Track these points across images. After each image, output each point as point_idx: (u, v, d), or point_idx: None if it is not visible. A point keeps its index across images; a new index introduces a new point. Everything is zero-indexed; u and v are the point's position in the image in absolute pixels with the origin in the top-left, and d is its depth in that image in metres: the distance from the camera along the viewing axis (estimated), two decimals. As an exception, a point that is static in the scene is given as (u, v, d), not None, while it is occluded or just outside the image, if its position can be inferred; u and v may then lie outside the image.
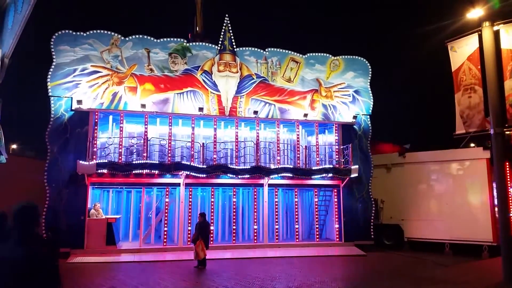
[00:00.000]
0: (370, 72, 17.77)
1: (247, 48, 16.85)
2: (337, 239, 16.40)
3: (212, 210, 15.48)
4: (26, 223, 2.99)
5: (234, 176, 15.28)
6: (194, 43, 16.68)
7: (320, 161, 16.81)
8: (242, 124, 16.56)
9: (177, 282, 10.41)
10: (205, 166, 14.92)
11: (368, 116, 17.58)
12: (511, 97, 10.37)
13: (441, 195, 16.24)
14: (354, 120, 17.20)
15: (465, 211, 15.28)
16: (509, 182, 14.66)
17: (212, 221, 15.22)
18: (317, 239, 16.44)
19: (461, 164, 15.89)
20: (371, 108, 17.61)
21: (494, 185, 13.34)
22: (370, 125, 17.54)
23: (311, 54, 17.54)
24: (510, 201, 14.22)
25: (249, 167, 15.45)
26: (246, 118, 16.36)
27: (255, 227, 15.82)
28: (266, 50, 17.05)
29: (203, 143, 15.54)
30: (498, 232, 11.41)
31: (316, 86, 17.39)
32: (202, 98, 16.06)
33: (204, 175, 14.86)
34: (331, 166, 16.38)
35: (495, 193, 13.25)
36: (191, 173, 14.68)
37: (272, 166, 15.78)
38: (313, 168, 16.28)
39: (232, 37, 16.61)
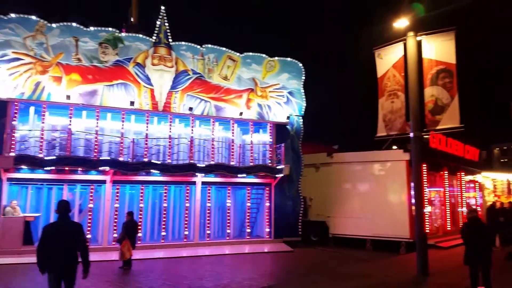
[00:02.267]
0: (304, 75, 18.25)
1: (183, 43, 16.49)
2: (267, 236, 16.67)
3: (141, 209, 14.96)
4: (68, 210, 6.17)
5: (166, 173, 14.91)
6: (127, 34, 16.01)
7: (253, 159, 16.95)
8: (176, 121, 16.19)
9: (99, 284, 9.89)
10: (134, 163, 14.36)
11: (301, 117, 18.06)
12: (430, 103, 11.21)
13: (364, 194, 17.15)
14: (287, 120, 17.58)
15: (385, 209, 16.25)
16: (425, 183, 15.93)
17: (140, 220, 14.71)
18: (248, 237, 16.57)
19: (383, 165, 16.88)
20: (303, 109, 18.11)
21: (412, 185, 14.33)
22: (302, 125, 18.04)
23: (248, 53, 17.61)
24: (425, 201, 15.45)
25: (182, 164, 15.16)
26: (181, 114, 16.02)
27: (186, 225, 15.55)
28: (203, 46, 16.82)
29: (133, 139, 14.95)
30: (414, 229, 12.26)
31: (252, 86, 17.51)
32: (134, 92, 15.44)
33: (133, 172, 14.31)
34: (264, 164, 16.60)
35: (413, 193, 14.25)
36: (118, 170, 14.06)
37: (206, 164, 15.62)
38: (247, 166, 16.38)
39: (168, 31, 16.17)
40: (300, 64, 18.24)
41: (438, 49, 10.98)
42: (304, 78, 18.26)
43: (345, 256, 14.80)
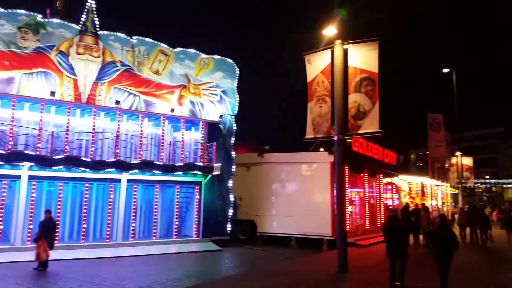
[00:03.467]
0: (238, 75, 18.33)
1: (112, 33, 15.74)
2: (196, 236, 16.50)
3: (59, 207, 14.03)
4: None
5: (88, 170, 14.14)
6: (50, 20, 14.93)
7: (184, 157, 16.68)
8: (102, 114, 15.41)
9: (10, 287, 9.13)
10: (53, 157, 13.44)
11: (233, 116, 18.13)
12: (353, 109, 11.81)
13: (292, 193, 17.70)
14: (220, 119, 17.55)
15: (310, 208, 16.90)
16: (347, 184, 16.79)
17: (59, 218, 13.80)
18: (175, 236, 16.27)
19: (309, 166, 17.55)
20: (236, 109, 18.19)
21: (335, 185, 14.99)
22: (234, 125, 18.11)
23: (181, 49, 17.30)
24: (347, 201, 16.28)
25: (106, 160, 14.48)
26: (107, 107, 15.29)
27: (109, 224, 14.86)
28: (134, 38, 16.20)
29: (52, 132, 13.97)
30: (336, 228, 12.83)
31: (185, 82, 17.23)
32: (55, 81, 14.44)
33: (52, 168, 13.39)
34: (195, 163, 16.42)
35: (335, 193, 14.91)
36: (35, 164, 13.07)
37: (133, 161, 15.08)
38: (177, 164, 16.08)
39: (96, 19, 15.34)
40: (234, 64, 18.29)
41: (363, 58, 11.61)
42: (238, 77, 18.34)
43: (271, 254, 15.12)
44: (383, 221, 20.95)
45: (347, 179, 16.54)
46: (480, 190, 73.02)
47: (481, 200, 70.46)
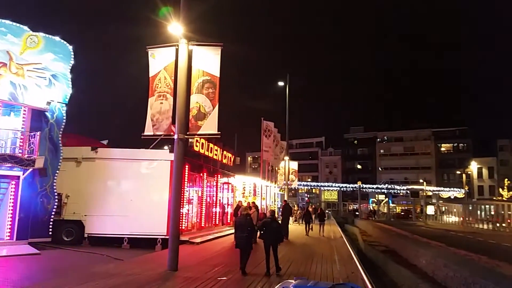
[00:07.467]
0: (72, 59, 16.56)
1: None
2: (9, 238, 14.31)
3: None
4: None
5: None
6: None
7: (-2, 147, 14.29)
8: None
9: None
10: None
11: (64, 105, 16.34)
12: (194, 110, 11.94)
13: (128, 192, 16.96)
14: (47, 106, 15.61)
15: (147, 207, 16.49)
16: (186, 183, 16.93)
17: None
18: (-20, 239, 13.82)
19: (149, 163, 17.12)
20: (68, 97, 16.42)
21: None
22: (65, 114, 16.34)
23: (3, 21, 14.79)
24: (184, 200, 16.44)
25: None
26: None
27: None
28: None
29: None
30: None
31: (6, 60, 14.77)
32: None
33: None
34: (11, 154, 14.22)
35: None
36: None
37: None
38: (-13, 155, 13.67)
39: None
40: (70, 47, 16.50)
41: (206, 60, 11.84)
42: (72, 62, 16.57)
43: (99, 256, 14.18)
44: (220, 219, 21.92)
45: (186, 178, 16.68)
46: (303, 191, 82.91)
47: (303, 200, 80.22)
